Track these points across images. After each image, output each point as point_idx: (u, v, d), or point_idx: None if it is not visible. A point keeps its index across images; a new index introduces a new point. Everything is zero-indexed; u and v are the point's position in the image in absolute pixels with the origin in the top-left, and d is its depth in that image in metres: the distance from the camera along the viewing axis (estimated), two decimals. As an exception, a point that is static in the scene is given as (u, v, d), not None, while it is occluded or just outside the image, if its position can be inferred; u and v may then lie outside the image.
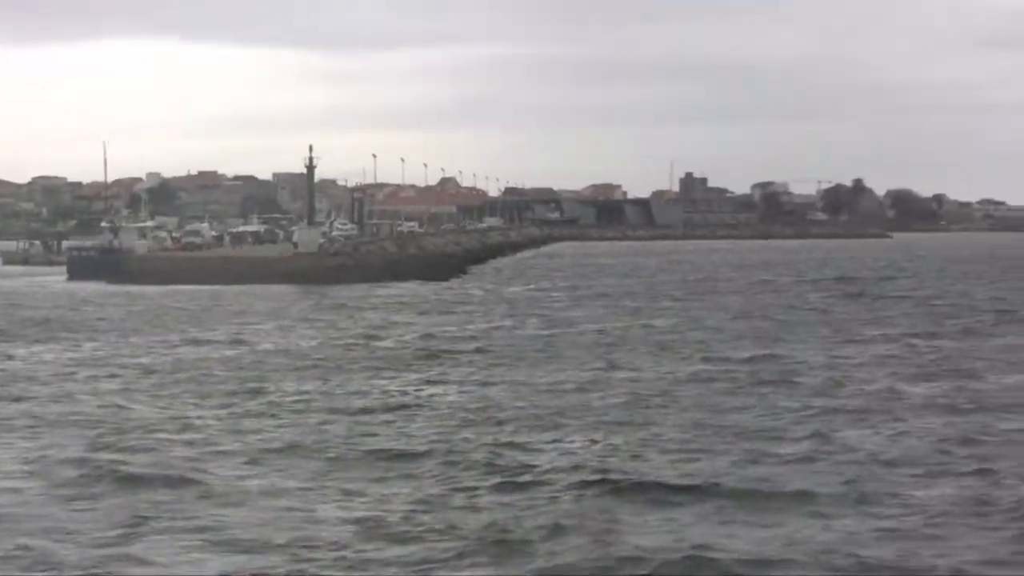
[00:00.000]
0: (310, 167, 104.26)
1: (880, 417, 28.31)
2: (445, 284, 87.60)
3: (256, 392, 33.05)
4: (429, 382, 35.07)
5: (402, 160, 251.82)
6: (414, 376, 36.36)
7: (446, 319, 57.20)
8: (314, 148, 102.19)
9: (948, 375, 35.56)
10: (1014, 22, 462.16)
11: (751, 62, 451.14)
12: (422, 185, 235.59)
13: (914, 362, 38.82)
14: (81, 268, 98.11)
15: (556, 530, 18.54)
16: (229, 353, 43.06)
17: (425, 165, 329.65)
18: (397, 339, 47.51)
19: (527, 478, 21.99)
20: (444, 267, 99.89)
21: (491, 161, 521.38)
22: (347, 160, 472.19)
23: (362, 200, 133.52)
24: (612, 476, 21.72)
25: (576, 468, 22.50)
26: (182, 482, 21.85)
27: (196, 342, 46.91)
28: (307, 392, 33.02)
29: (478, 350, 43.23)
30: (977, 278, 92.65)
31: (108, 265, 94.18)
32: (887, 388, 32.89)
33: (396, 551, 17.65)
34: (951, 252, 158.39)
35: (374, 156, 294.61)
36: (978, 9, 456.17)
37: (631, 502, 20.31)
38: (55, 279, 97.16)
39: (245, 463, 23.64)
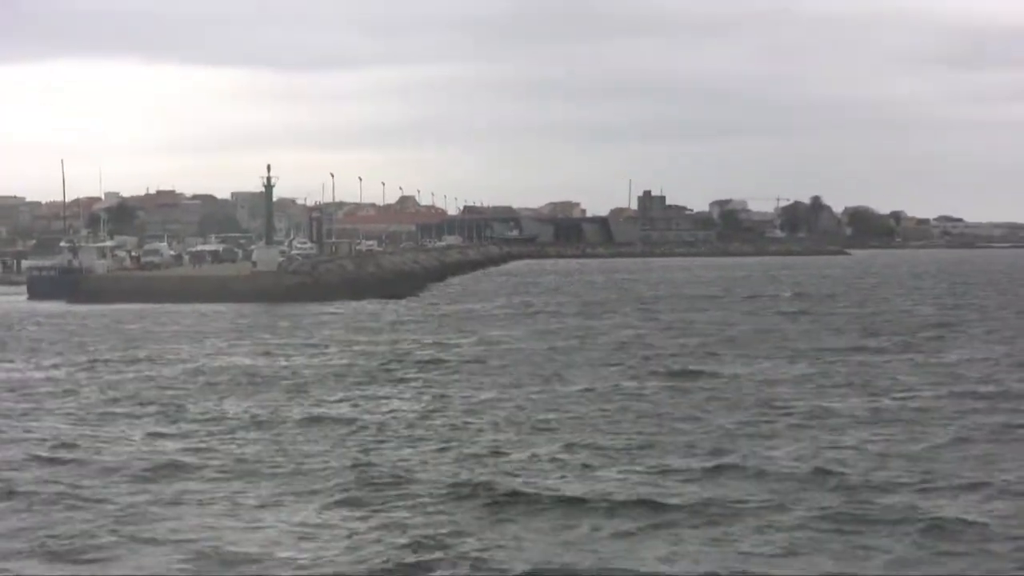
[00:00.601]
0: (268, 186, 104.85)
1: (811, 431, 29.01)
2: (403, 302, 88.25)
3: (181, 409, 33.56)
4: (364, 398, 35.56)
5: (360, 179, 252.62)
6: (352, 393, 36.80)
7: (396, 336, 57.87)
8: (273, 167, 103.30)
9: (884, 390, 36.35)
10: (966, 40, 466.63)
11: (711, 80, 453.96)
12: (382, 204, 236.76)
13: (855, 377, 39.60)
14: (41, 287, 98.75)
15: (456, 547, 19.02)
16: (172, 371, 43.58)
17: (383, 184, 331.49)
18: (344, 356, 48.14)
19: (423, 493, 22.39)
20: (402, 285, 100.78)
21: (450, 180, 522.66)
22: (306, 179, 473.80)
23: (320, 219, 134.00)
24: (523, 489, 22.37)
25: (477, 484, 22.88)
26: (95, 500, 22.28)
27: (139, 360, 47.34)
28: (231, 409, 33.42)
29: (420, 367, 43.79)
30: (927, 294, 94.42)
31: (68, 284, 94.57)
32: (820, 403, 33.53)
33: (290, 570, 18.06)
34: (906, 268, 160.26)
35: (332, 175, 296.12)
36: (930, 27, 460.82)
37: (537, 516, 20.86)
38: (15, 298, 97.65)
39: (154, 481, 23.97)
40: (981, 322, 63.66)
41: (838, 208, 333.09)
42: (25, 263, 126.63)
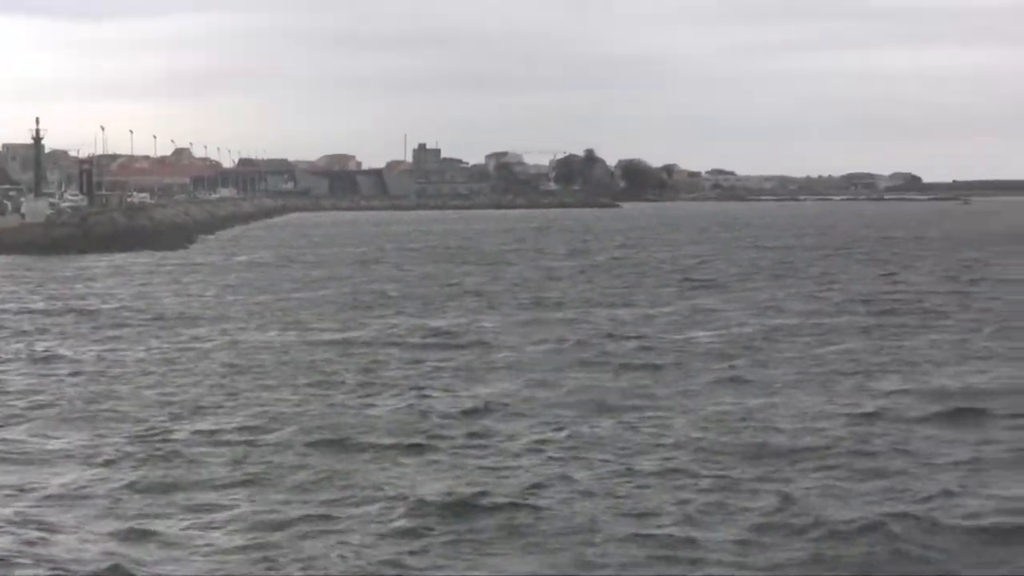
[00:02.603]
0: (37, 138, 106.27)
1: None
2: (172, 253, 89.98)
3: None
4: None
5: (131, 132, 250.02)
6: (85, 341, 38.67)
7: (151, 288, 59.32)
8: (48, 119, 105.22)
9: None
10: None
11: (488, 33, 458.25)
12: (156, 156, 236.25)
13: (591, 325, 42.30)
14: None
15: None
16: None
17: (154, 136, 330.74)
18: (99, 307, 49.21)
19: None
20: (173, 237, 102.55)
21: (226, 132, 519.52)
22: (83, 131, 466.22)
23: (90, 171, 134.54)
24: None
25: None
26: None
27: None
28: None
29: (154, 317, 45.17)
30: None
31: None
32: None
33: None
34: (664, 221, 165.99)
35: (102, 128, 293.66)
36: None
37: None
38: None
39: None
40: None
41: (612, 161, 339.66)
42: None
